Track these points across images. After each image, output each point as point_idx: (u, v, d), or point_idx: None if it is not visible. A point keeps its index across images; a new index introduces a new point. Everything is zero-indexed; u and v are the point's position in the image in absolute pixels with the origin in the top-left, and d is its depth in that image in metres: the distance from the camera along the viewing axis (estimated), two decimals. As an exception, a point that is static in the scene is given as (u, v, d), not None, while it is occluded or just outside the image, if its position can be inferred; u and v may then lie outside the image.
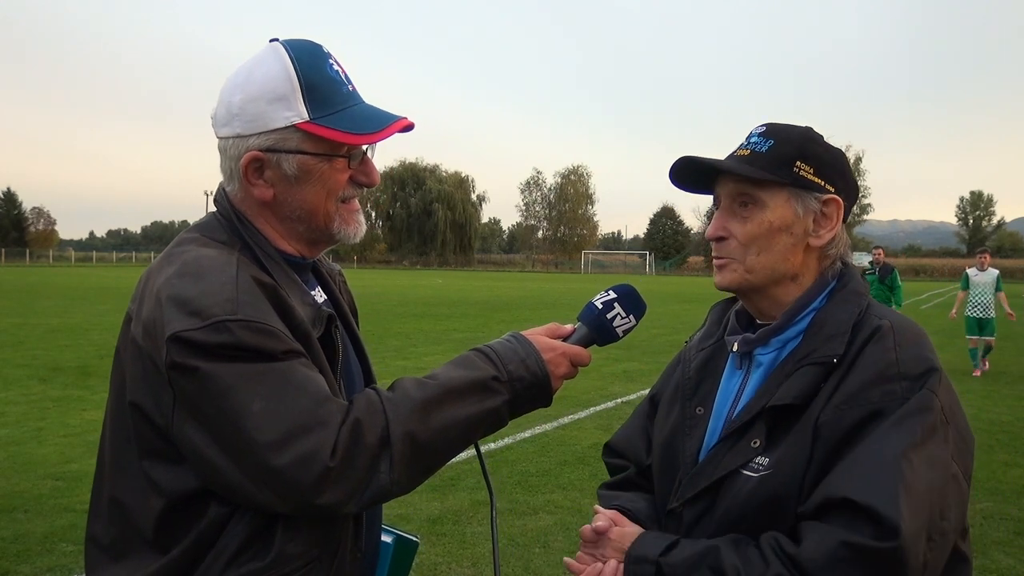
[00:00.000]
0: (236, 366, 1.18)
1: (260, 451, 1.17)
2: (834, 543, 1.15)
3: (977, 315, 12.31)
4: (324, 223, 1.39)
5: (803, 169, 1.37)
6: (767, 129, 1.42)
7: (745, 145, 1.42)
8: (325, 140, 1.32)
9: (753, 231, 1.38)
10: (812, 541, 1.17)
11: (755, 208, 1.38)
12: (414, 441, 1.24)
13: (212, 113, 1.38)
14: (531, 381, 1.34)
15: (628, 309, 1.45)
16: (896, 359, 1.26)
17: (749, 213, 1.38)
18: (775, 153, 1.37)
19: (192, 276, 1.24)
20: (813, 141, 1.41)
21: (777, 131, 1.41)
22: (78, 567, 4.29)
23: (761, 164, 1.37)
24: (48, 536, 4.69)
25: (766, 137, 1.40)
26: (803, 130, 1.42)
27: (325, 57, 1.36)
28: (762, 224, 1.37)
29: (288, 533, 1.26)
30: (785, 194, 1.37)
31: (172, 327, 1.18)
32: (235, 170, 1.36)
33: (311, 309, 1.34)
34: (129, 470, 1.29)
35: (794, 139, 1.39)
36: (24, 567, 4.28)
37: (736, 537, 1.27)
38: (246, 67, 1.35)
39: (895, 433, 1.20)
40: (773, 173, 1.36)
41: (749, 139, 1.42)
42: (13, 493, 5.46)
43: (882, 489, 1.15)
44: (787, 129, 1.42)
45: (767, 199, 1.37)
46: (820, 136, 1.44)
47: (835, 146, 1.43)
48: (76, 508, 5.15)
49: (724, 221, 1.41)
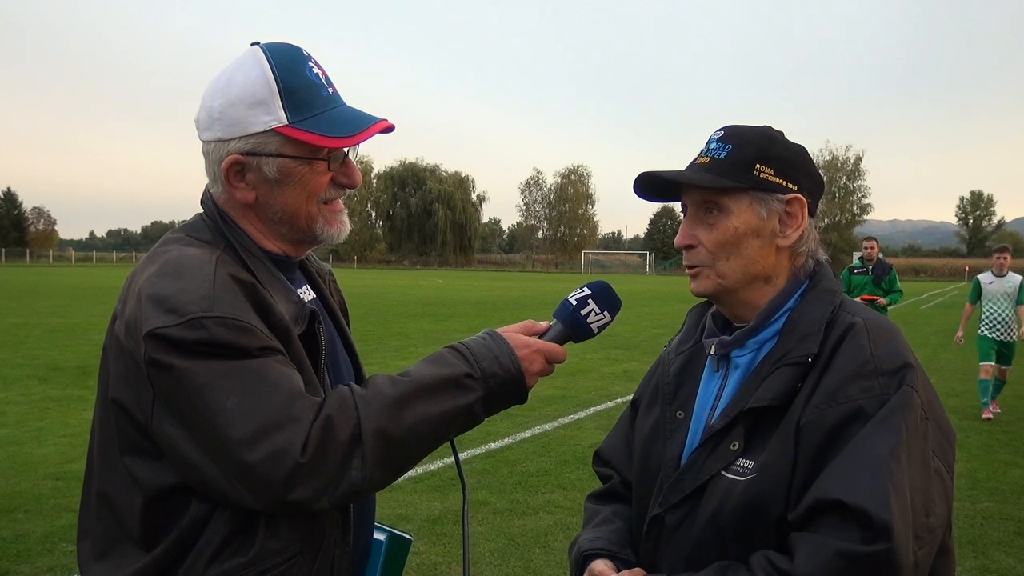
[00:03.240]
0: (211, 363, 1.19)
1: (232, 447, 1.17)
2: (828, 554, 1.14)
3: (997, 336, 8.97)
4: (307, 224, 1.40)
5: (763, 171, 1.37)
6: (725, 133, 1.42)
7: (705, 152, 1.42)
8: (304, 144, 1.34)
9: (719, 238, 1.38)
10: (805, 554, 1.16)
11: (720, 215, 1.38)
12: (386, 437, 1.24)
13: (195, 117, 1.39)
14: (505, 378, 1.34)
15: (602, 306, 1.45)
16: (872, 355, 1.26)
17: (715, 220, 1.39)
18: (734, 158, 1.37)
19: (171, 275, 1.26)
20: (772, 141, 1.40)
21: (735, 135, 1.41)
22: (78, 567, 4.29)
23: (720, 171, 1.37)
24: (48, 536, 4.69)
25: (724, 142, 1.40)
26: (761, 131, 1.42)
27: (304, 60, 1.37)
28: (727, 231, 1.38)
29: (270, 529, 1.27)
30: (748, 199, 1.37)
31: (150, 324, 1.20)
32: (218, 173, 1.38)
33: (294, 307, 1.35)
34: (114, 467, 1.31)
35: (753, 141, 1.39)
36: (24, 567, 4.28)
37: (723, 566, 1.26)
38: (227, 72, 1.36)
39: (879, 433, 1.20)
40: (733, 179, 1.36)
41: (708, 145, 1.42)
42: (13, 493, 5.46)
43: (872, 490, 1.15)
44: (745, 132, 1.41)
45: (731, 205, 1.37)
46: (779, 134, 1.43)
47: (795, 143, 1.43)
48: (76, 508, 5.13)
49: (691, 229, 1.42)
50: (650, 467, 1.47)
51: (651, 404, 1.54)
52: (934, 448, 1.25)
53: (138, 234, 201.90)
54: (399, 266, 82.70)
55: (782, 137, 1.43)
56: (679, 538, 1.36)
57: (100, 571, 1.33)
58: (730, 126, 1.44)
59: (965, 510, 5.42)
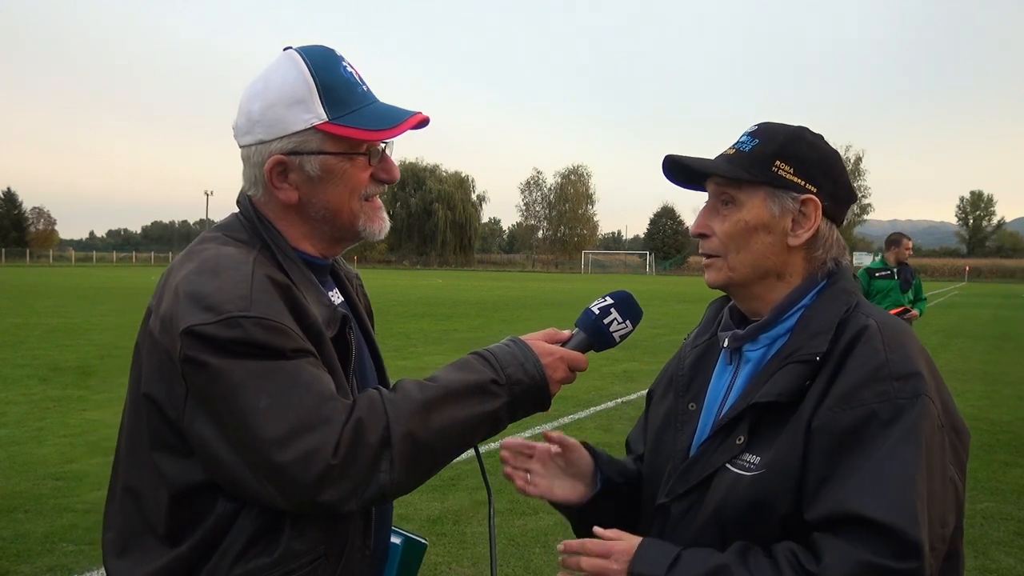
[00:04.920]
0: (245, 363, 1.21)
1: (264, 447, 1.19)
2: (858, 564, 1.13)
3: None
4: (349, 221, 1.42)
5: (782, 168, 1.37)
6: (757, 129, 1.42)
7: (735, 144, 1.43)
8: (345, 139, 1.36)
9: (729, 230, 1.39)
10: (833, 559, 1.15)
11: (733, 207, 1.39)
12: (414, 441, 1.25)
13: (233, 124, 1.42)
14: (529, 385, 1.35)
15: (625, 315, 1.47)
16: (886, 359, 1.26)
17: (728, 212, 1.40)
18: (755, 152, 1.38)
19: (209, 273, 1.27)
20: (799, 140, 1.40)
21: (765, 130, 1.41)
22: (78, 567, 4.29)
23: (740, 163, 1.38)
24: (48, 536, 4.69)
25: (753, 136, 1.41)
26: (792, 130, 1.42)
27: (339, 60, 1.40)
28: (738, 223, 1.38)
29: (295, 530, 1.28)
30: (762, 193, 1.37)
31: (187, 321, 1.21)
32: (259, 176, 1.39)
33: (326, 310, 1.37)
34: (142, 461, 1.33)
35: (778, 138, 1.39)
36: (24, 567, 4.28)
37: (741, 548, 1.25)
38: (263, 76, 1.39)
39: (903, 444, 1.19)
40: (749, 172, 1.37)
41: (740, 138, 1.43)
42: (13, 493, 5.46)
43: (902, 507, 1.15)
44: (776, 129, 1.41)
45: (744, 198, 1.38)
46: (815, 136, 1.43)
47: (828, 147, 1.42)
48: (76, 508, 5.16)
49: (706, 219, 1.43)
50: (660, 456, 1.48)
51: (664, 394, 1.56)
52: (950, 457, 1.25)
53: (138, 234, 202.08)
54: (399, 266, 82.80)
55: (814, 138, 1.42)
56: (683, 528, 1.37)
57: (122, 567, 1.34)
58: (766, 122, 1.44)
59: (965, 510, 5.41)
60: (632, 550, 1.27)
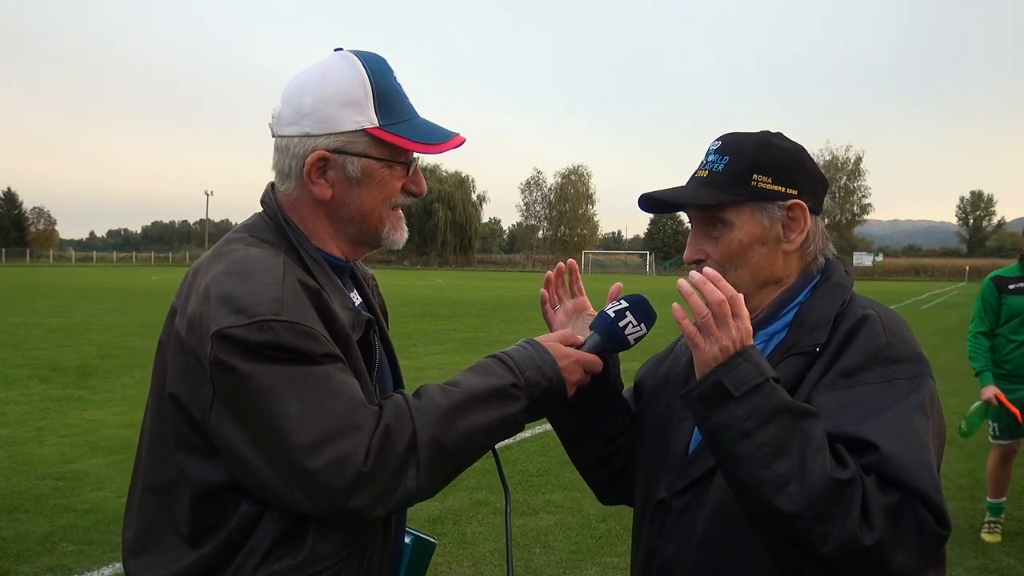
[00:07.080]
0: (276, 367, 1.21)
1: (296, 452, 1.19)
2: (905, 516, 1.14)
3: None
4: (376, 227, 1.44)
5: (760, 181, 1.38)
6: (722, 144, 1.43)
7: (704, 165, 1.43)
8: (391, 146, 1.39)
9: (725, 251, 1.40)
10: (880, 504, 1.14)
11: (724, 228, 1.40)
12: (439, 447, 1.27)
13: (274, 112, 1.42)
14: (547, 387, 1.36)
15: (639, 318, 1.47)
16: (887, 343, 1.29)
17: (719, 233, 1.40)
18: (731, 170, 1.39)
19: (239, 275, 1.28)
20: (767, 147, 1.41)
21: (731, 145, 1.42)
22: (78, 567, 4.29)
23: (718, 184, 1.39)
24: (48, 536, 4.69)
25: (721, 154, 1.41)
26: (757, 138, 1.43)
27: (390, 70, 1.43)
28: (732, 243, 1.39)
29: (320, 532, 1.29)
30: (748, 209, 1.38)
31: (218, 323, 1.21)
32: (295, 168, 1.39)
33: (351, 313, 1.38)
34: (165, 461, 1.33)
35: (748, 151, 1.40)
36: (24, 567, 4.28)
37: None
38: (317, 71, 1.39)
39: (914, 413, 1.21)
40: (731, 193, 1.38)
41: (707, 157, 1.44)
42: (13, 493, 5.46)
43: (929, 477, 1.16)
44: (741, 141, 1.42)
45: (732, 218, 1.39)
46: (776, 137, 1.44)
47: (791, 143, 1.44)
48: (76, 508, 5.16)
49: (698, 244, 1.43)
50: (657, 453, 1.49)
51: (658, 390, 1.57)
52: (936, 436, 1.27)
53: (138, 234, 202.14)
54: (399, 266, 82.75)
55: (778, 140, 1.44)
56: (684, 522, 1.38)
57: (141, 566, 1.34)
58: (727, 135, 1.45)
59: (965, 510, 5.42)
60: (750, 335, 1.24)
